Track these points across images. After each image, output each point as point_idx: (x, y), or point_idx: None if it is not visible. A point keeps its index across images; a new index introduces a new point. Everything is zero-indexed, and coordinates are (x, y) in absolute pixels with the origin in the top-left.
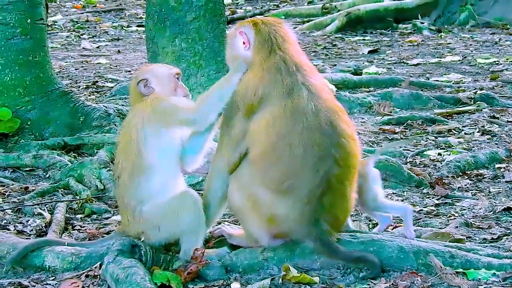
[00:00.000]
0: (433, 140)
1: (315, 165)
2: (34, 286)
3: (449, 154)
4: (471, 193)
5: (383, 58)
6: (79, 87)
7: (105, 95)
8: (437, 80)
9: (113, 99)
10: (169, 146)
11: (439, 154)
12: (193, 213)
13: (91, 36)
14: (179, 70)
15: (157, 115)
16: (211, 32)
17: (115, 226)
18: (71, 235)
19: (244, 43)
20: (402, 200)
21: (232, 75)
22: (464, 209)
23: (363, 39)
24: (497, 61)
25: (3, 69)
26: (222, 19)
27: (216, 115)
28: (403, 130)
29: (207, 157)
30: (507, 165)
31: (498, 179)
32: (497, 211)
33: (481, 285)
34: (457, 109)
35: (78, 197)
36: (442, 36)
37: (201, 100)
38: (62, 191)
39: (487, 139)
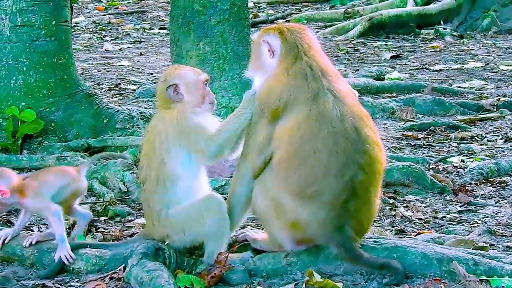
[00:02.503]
0: (456, 147)
1: (339, 171)
2: (58, 287)
3: (472, 161)
4: (494, 200)
5: (406, 64)
6: (102, 89)
7: (128, 98)
8: (459, 87)
9: (136, 101)
10: (192, 155)
11: (462, 161)
12: (218, 217)
13: (113, 38)
14: (208, 76)
15: (180, 131)
16: (235, 36)
17: (139, 228)
18: (95, 237)
19: (269, 51)
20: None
21: (246, 109)
22: (487, 217)
23: (386, 44)
24: None
25: (28, 71)
26: (246, 23)
27: (228, 152)
28: (425, 136)
29: (231, 162)
30: None
31: None
32: None
33: None
34: (480, 115)
35: (101, 199)
36: (465, 42)
37: (217, 135)
38: (85, 193)
39: (510, 146)
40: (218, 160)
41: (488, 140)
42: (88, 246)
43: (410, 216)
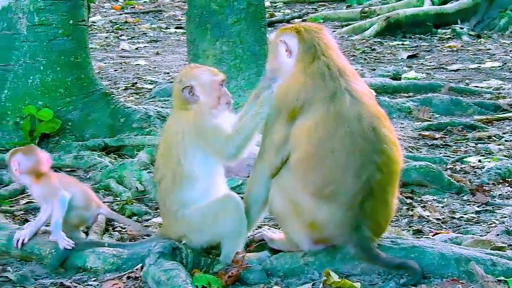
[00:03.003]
0: (473, 147)
1: (357, 171)
2: (76, 286)
3: (490, 161)
4: None
5: (422, 63)
6: (118, 88)
7: (144, 97)
8: (476, 86)
9: (152, 101)
10: (209, 156)
11: (479, 161)
12: (235, 217)
13: (130, 38)
14: (224, 77)
15: (197, 133)
16: (252, 36)
17: (156, 228)
18: (112, 236)
19: (286, 50)
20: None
21: (263, 108)
22: (505, 217)
23: (402, 44)
24: None
25: (45, 70)
26: (263, 23)
27: (246, 152)
28: (443, 136)
29: (248, 161)
30: None
31: None
32: None
33: None
34: (497, 115)
35: (118, 199)
36: (482, 42)
37: (235, 136)
38: (102, 192)
39: None
40: (237, 160)
41: (505, 140)
42: (106, 245)
43: (428, 216)
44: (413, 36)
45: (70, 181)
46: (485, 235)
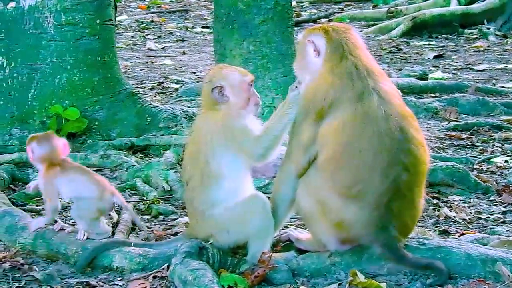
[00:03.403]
0: (500, 147)
1: (384, 171)
2: (102, 286)
3: None
4: None
5: (449, 63)
6: (145, 87)
7: (171, 96)
8: (503, 87)
9: (179, 100)
10: (237, 156)
11: (506, 161)
12: (262, 217)
13: (156, 37)
14: (253, 77)
15: (225, 134)
16: (279, 35)
17: (182, 227)
18: (138, 235)
19: (314, 50)
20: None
21: (290, 109)
22: None
23: (429, 44)
24: None
25: (72, 69)
26: (290, 23)
27: (274, 153)
28: (469, 136)
29: (275, 161)
30: None
31: None
32: None
33: None
34: None
35: (145, 198)
36: (508, 42)
37: (264, 136)
38: (129, 191)
39: None
40: (266, 161)
41: None
42: (132, 244)
43: (454, 216)
44: (439, 36)
45: (81, 173)
46: None
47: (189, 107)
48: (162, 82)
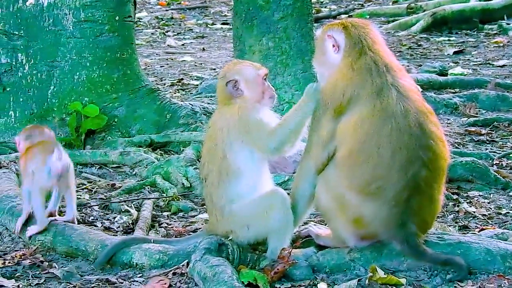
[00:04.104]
0: None
1: (403, 167)
2: (122, 283)
3: None
4: None
5: (469, 59)
6: (164, 84)
7: (190, 93)
8: None
9: (199, 97)
10: (254, 151)
11: None
12: (282, 212)
13: (175, 34)
14: (267, 71)
15: (241, 127)
16: (299, 32)
17: (202, 224)
18: (158, 232)
19: (333, 46)
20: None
21: (307, 103)
22: None
23: (449, 40)
24: None
25: (91, 66)
26: (309, 19)
27: (289, 147)
28: (489, 132)
29: (294, 157)
30: None
31: None
32: None
33: None
34: None
35: (164, 195)
36: None
37: (278, 131)
38: (148, 188)
39: None
40: (280, 155)
41: None
42: (151, 241)
43: (474, 212)
44: (459, 32)
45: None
46: None
47: (208, 103)
48: (182, 79)
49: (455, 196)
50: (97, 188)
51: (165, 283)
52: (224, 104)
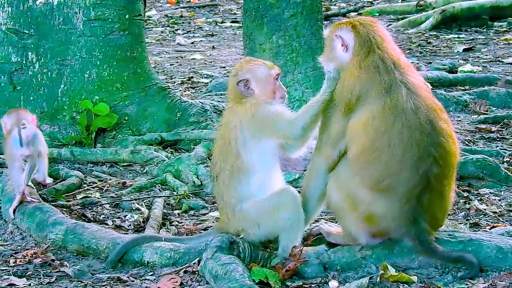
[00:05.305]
0: None
1: (414, 164)
2: (133, 281)
3: None
4: None
5: (478, 57)
6: (174, 82)
7: (200, 91)
8: None
9: (209, 95)
10: (269, 148)
11: None
12: (292, 210)
13: (185, 32)
14: (279, 70)
15: (256, 123)
16: (309, 29)
17: (212, 222)
18: (169, 230)
19: (342, 45)
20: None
21: (326, 90)
22: None
23: (458, 37)
24: None
25: (101, 65)
26: (319, 16)
27: (313, 132)
28: (499, 129)
29: (304, 155)
30: None
31: None
32: None
33: None
34: None
35: (175, 193)
36: None
37: (299, 116)
38: (159, 186)
39: None
40: (304, 142)
41: None
42: (163, 239)
43: (485, 209)
44: (468, 29)
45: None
46: None
47: (219, 101)
48: (192, 77)
49: (466, 194)
50: (107, 187)
51: (176, 281)
52: (236, 103)
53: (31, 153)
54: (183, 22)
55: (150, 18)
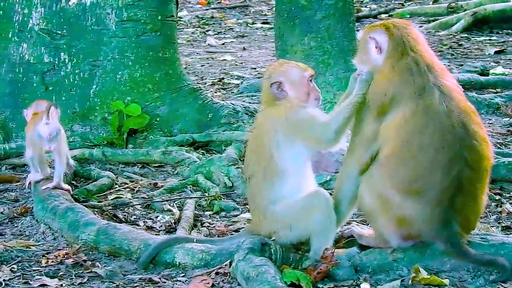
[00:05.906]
0: None
1: (446, 166)
2: (165, 282)
3: None
4: None
5: (510, 59)
6: (205, 83)
7: (231, 92)
8: None
9: (240, 96)
10: (301, 150)
11: None
12: (324, 213)
13: (216, 33)
14: (313, 72)
15: (290, 126)
16: (341, 31)
17: (244, 223)
18: (200, 232)
19: (376, 47)
20: None
21: (358, 93)
22: None
23: (489, 39)
24: None
25: (133, 65)
26: (351, 18)
27: (345, 135)
28: None
29: (337, 157)
30: None
31: None
32: None
33: None
34: None
35: (206, 194)
36: None
37: (332, 120)
38: (190, 187)
39: None
40: (336, 145)
41: None
42: (194, 241)
43: None
44: (500, 32)
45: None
46: None
47: (250, 103)
48: (223, 78)
49: (497, 197)
50: (139, 187)
51: (208, 283)
52: (269, 105)
53: (52, 149)
54: (213, 23)
55: (181, 19)
